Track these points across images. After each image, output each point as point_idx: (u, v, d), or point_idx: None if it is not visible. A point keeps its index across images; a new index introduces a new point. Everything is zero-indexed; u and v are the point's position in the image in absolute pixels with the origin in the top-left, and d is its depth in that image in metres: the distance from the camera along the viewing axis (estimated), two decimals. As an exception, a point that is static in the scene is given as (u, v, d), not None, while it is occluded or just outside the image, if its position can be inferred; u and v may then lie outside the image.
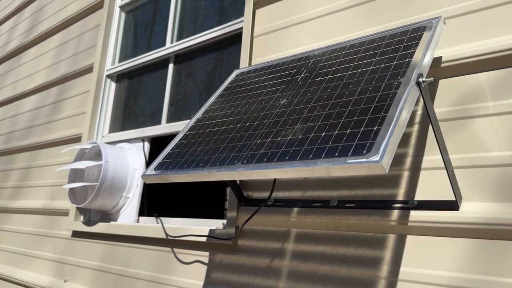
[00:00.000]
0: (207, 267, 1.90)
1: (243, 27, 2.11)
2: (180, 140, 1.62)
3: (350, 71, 1.39)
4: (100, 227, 2.51)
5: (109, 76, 3.02)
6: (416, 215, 1.36)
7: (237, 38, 2.29)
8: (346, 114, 1.19)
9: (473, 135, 1.32)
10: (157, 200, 4.63)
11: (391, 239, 1.40)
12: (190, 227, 2.02)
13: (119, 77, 3.02)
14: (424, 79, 1.16)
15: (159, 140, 4.30)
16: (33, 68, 3.87)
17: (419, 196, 1.38)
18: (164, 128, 2.49)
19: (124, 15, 3.18)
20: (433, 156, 1.38)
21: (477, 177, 1.28)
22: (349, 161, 1.01)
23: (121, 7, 3.17)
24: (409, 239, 1.36)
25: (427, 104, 1.20)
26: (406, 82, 1.17)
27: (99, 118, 2.93)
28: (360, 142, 1.05)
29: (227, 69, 2.30)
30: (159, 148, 4.30)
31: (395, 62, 1.28)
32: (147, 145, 2.61)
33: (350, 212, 1.51)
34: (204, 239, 1.93)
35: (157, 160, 1.57)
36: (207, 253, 1.92)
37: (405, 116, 1.08)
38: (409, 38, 1.35)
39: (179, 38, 2.65)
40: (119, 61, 3.05)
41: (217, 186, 4.78)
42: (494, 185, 1.25)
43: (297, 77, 1.55)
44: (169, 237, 2.08)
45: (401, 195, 1.42)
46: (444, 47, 1.44)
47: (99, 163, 2.45)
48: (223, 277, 1.82)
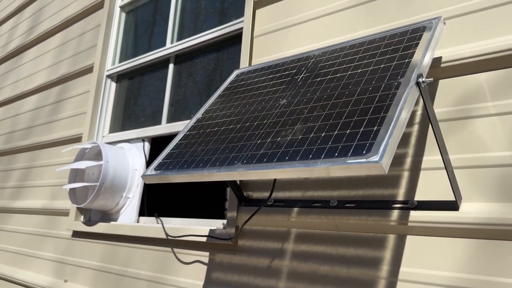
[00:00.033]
0: (207, 267, 1.90)
1: (243, 27, 2.11)
2: (180, 140, 1.62)
3: (350, 71, 1.39)
4: (100, 227, 2.51)
5: (109, 76, 3.02)
6: (416, 215, 1.36)
7: (237, 38, 2.29)
8: (346, 114, 1.19)
9: (473, 135, 1.32)
10: (157, 200, 4.63)
11: (391, 239, 1.40)
12: (190, 227, 2.02)
13: (120, 77, 3.02)
14: (423, 79, 1.16)
15: (159, 140, 4.31)
16: (33, 68, 3.88)
17: (419, 196, 1.38)
18: (164, 128, 2.49)
19: (124, 15, 3.18)
20: (433, 156, 1.38)
21: (477, 177, 1.28)
22: (348, 161, 1.01)
23: (121, 7, 3.17)
24: (409, 239, 1.36)
25: (426, 104, 1.20)
26: (406, 82, 1.17)
27: (100, 118, 2.93)
28: (359, 142, 1.05)
29: (227, 69, 2.30)
30: (159, 148, 4.30)
31: (395, 62, 1.28)
32: (147, 145, 2.61)
33: (350, 212, 1.51)
34: (204, 239, 1.93)
35: (157, 160, 1.57)
36: (207, 253, 1.92)
37: (405, 116, 1.08)
38: (409, 38, 1.35)
39: (179, 38, 2.65)
40: (120, 61, 3.05)
41: (217, 186, 4.78)
42: (494, 185, 1.25)
43: (297, 77, 1.55)
44: (169, 237, 2.08)
45: (401, 195, 1.42)
46: (444, 47, 1.44)
47: (100, 163, 2.45)
48: (223, 277, 1.82)
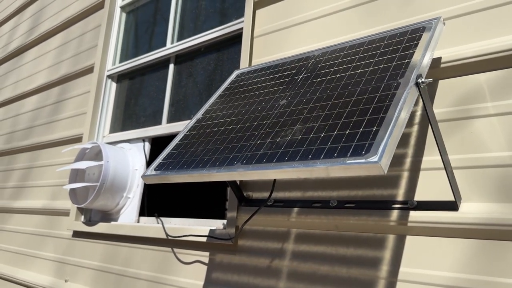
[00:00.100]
0: (207, 267, 1.90)
1: (243, 28, 2.12)
2: (180, 140, 1.62)
3: (349, 72, 1.39)
4: (100, 227, 2.52)
5: (109, 76, 3.03)
6: (415, 216, 1.36)
7: (237, 38, 2.29)
8: (345, 114, 1.19)
9: (473, 135, 1.32)
10: (157, 200, 4.64)
11: (391, 239, 1.40)
12: (190, 227, 2.02)
13: (120, 78, 3.02)
14: (423, 79, 1.16)
15: (159, 140, 4.31)
16: (34, 68, 3.88)
17: (419, 196, 1.38)
18: (164, 128, 2.49)
19: (124, 15, 3.18)
20: (432, 156, 1.38)
21: (477, 177, 1.28)
22: (348, 162, 1.02)
23: (121, 8, 3.18)
24: (409, 240, 1.36)
25: (426, 104, 1.20)
26: (405, 83, 1.17)
27: (100, 118, 2.94)
28: (359, 142, 1.06)
29: (227, 69, 2.30)
30: (159, 148, 4.30)
31: (394, 62, 1.28)
32: (147, 145, 2.61)
33: (350, 212, 1.51)
34: (204, 239, 1.94)
35: (157, 160, 1.57)
36: (207, 253, 1.92)
37: (404, 116, 1.08)
38: (409, 38, 1.35)
39: (180, 38, 2.66)
40: (120, 62, 3.05)
41: (218, 186, 4.78)
42: (493, 186, 1.25)
43: (297, 77, 1.55)
44: (170, 237, 2.08)
45: (400, 195, 1.42)
46: (443, 47, 1.45)
47: (100, 163, 2.45)
48: (223, 277, 1.82)
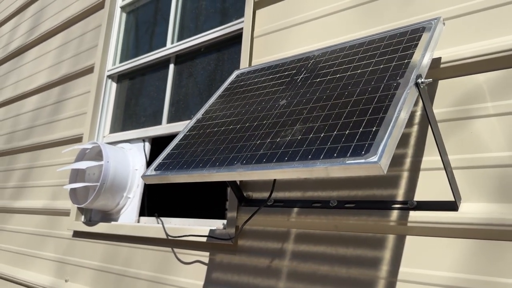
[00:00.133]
0: (207, 267, 1.91)
1: (243, 28, 2.12)
2: (180, 140, 1.62)
3: (349, 72, 1.39)
4: (101, 227, 2.52)
5: (110, 76, 3.03)
6: (415, 216, 1.36)
7: (237, 38, 2.30)
8: (345, 115, 1.20)
9: (473, 135, 1.32)
10: (157, 200, 4.64)
11: (391, 239, 1.40)
12: (190, 227, 2.03)
13: (120, 78, 3.03)
14: (423, 80, 1.16)
15: (159, 140, 4.31)
16: (34, 68, 3.88)
17: (419, 196, 1.38)
18: (164, 128, 2.49)
19: (125, 15, 3.19)
20: (432, 156, 1.38)
21: (476, 177, 1.29)
22: (347, 162, 1.02)
23: (122, 8, 3.18)
24: (408, 240, 1.37)
25: (425, 105, 1.20)
26: (405, 83, 1.17)
27: (100, 118, 2.94)
28: (358, 143, 1.06)
29: (227, 69, 2.30)
30: (159, 148, 4.31)
31: (394, 63, 1.29)
32: (147, 145, 2.61)
33: (349, 212, 1.51)
34: (204, 239, 1.94)
35: (157, 160, 1.57)
36: (207, 253, 1.92)
37: (404, 117, 1.08)
38: (408, 39, 1.35)
39: (180, 38, 2.66)
40: (120, 62, 3.06)
41: (218, 186, 4.78)
42: (493, 186, 1.25)
43: (296, 77, 1.55)
44: (170, 237, 2.08)
45: (400, 195, 1.42)
46: (443, 47, 1.45)
47: (100, 163, 2.46)
48: (223, 277, 1.82)
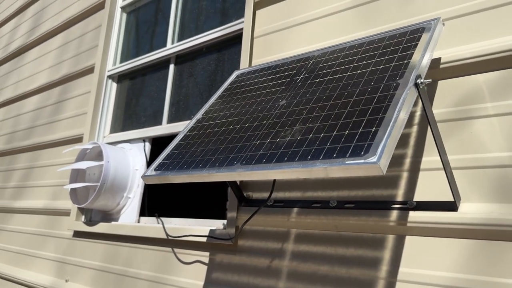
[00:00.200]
0: (207, 267, 1.91)
1: (243, 28, 2.12)
2: (180, 140, 1.62)
3: (349, 72, 1.39)
4: (101, 227, 2.52)
5: (110, 76, 3.03)
6: (415, 216, 1.36)
7: (237, 39, 2.30)
8: (344, 115, 1.20)
9: (472, 136, 1.32)
10: (158, 200, 4.64)
11: (390, 239, 1.40)
12: (190, 227, 2.03)
13: (120, 78, 3.03)
14: (422, 80, 1.16)
15: (160, 140, 4.31)
16: (35, 68, 3.89)
17: (418, 196, 1.38)
18: (165, 128, 2.50)
19: (125, 15, 3.19)
20: (432, 157, 1.38)
21: (476, 178, 1.29)
22: (347, 162, 1.02)
23: (122, 8, 3.18)
24: (408, 240, 1.37)
25: (425, 105, 1.21)
26: (404, 83, 1.17)
27: (100, 118, 2.94)
28: (358, 143, 1.06)
29: (227, 69, 2.30)
30: (160, 148, 4.31)
31: (393, 63, 1.29)
32: (148, 145, 2.61)
33: (349, 212, 1.52)
34: (204, 239, 1.94)
35: (157, 160, 1.58)
36: (208, 253, 1.93)
37: (403, 117, 1.09)
38: (408, 39, 1.36)
39: (180, 39, 2.66)
40: (120, 62, 3.06)
41: (218, 186, 4.79)
42: (492, 186, 1.26)
43: (296, 78, 1.56)
44: (170, 237, 2.09)
45: (400, 195, 1.42)
46: (443, 48, 1.45)
47: (100, 163, 2.46)
48: (223, 277, 1.83)
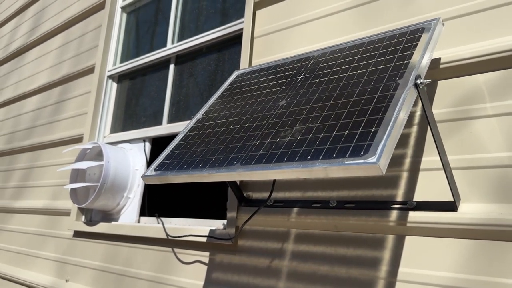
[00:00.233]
0: (207, 267, 1.91)
1: (243, 28, 2.12)
2: (180, 140, 1.62)
3: (348, 72, 1.39)
4: (101, 227, 2.52)
5: (110, 76, 3.03)
6: (414, 216, 1.36)
7: (237, 39, 2.30)
8: (344, 115, 1.20)
9: (472, 136, 1.32)
10: (158, 200, 4.65)
11: (390, 239, 1.41)
12: (190, 227, 2.03)
13: (121, 78, 3.03)
14: (422, 80, 1.16)
15: (160, 140, 4.32)
16: (35, 68, 3.89)
17: (418, 197, 1.38)
18: (165, 128, 2.50)
19: (125, 16, 3.19)
20: (431, 157, 1.39)
21: (476, 178, 1.29)
22: (346, 162, 1.02)
23: (122, 8, 3.18)
24: (408, 240, 1.37)
25: (425, 105, 1.21)
26: (404, 83, 1.17)
27: (101, 118, 2.94)
28: (358, 143, 1.06)
29: (227, 69, 2.30)
30: (160, 148, 4.31)
31: (393, 63, 1.29)
32: (148, 145, 2.62)
33: (349, 212, 1.52)
34: (204, 239, 1.94)
35: (157, 160, 1.58)
36: (208, 253, 1.93)
37: (403, 117, 1.09)
38: (408, 39, 1.36)
39: (180, 39, 2.66)
40: (121, 62, 3.06)
41: (218, 186, 4.79)
42: (492, 186, 1.26)
43: (296, 78, 1.56)
44: (170, 237, 2.09)
45: (400, 196, 1.42)
46: (443, 48, 1.45)
47: (101, 163, 2.46)
48: (223, 277, 1.83)
